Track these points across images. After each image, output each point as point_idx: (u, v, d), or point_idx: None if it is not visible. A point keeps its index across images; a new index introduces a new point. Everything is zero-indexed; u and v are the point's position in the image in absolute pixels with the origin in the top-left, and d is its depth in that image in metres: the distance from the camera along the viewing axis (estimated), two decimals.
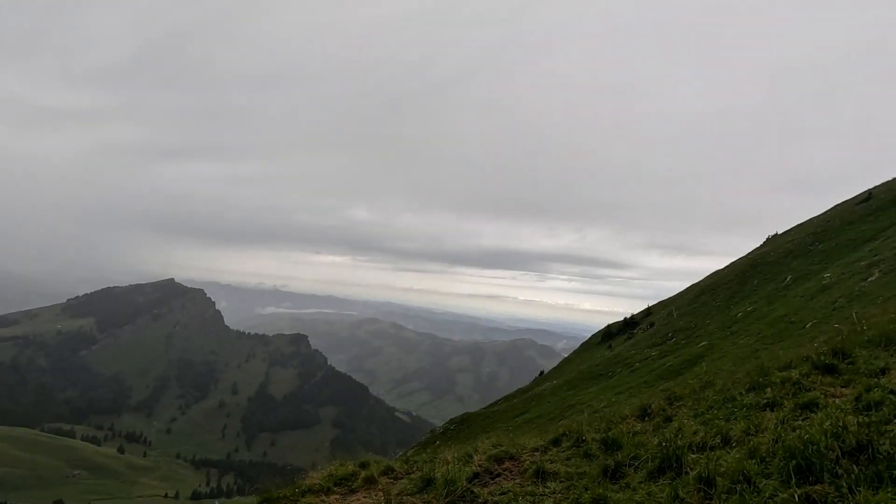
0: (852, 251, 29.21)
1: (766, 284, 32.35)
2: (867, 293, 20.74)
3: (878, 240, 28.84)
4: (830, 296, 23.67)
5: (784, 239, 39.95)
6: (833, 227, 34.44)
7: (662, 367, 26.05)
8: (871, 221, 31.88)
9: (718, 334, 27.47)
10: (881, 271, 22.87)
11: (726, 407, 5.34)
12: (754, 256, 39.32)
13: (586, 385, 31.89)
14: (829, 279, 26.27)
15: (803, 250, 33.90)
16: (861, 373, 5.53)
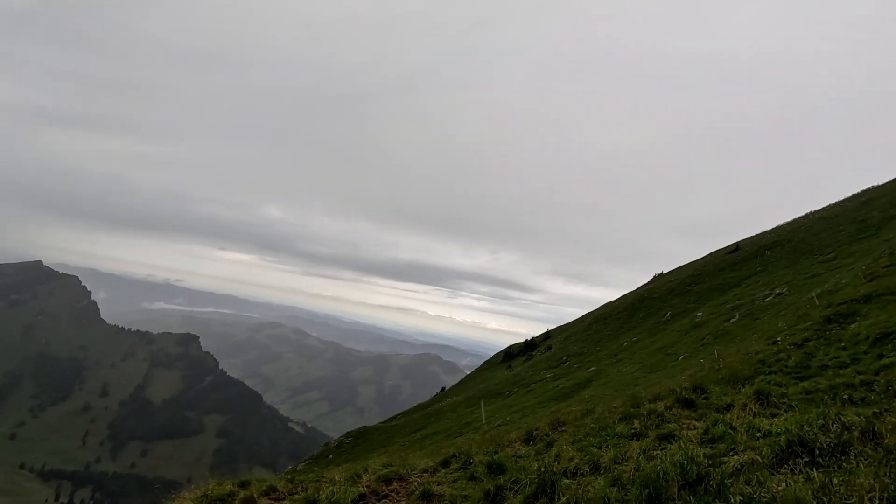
0: (720, 294, 33.20)
1: (650, 318, 35.67)
2: (729, 332, 23.67)
3: (741, 286, 33.03)
4: (700, 332, 26.66)
5: (668, 278, 44.40)
6: (707, 272, 38.89)
7: (556, 389, 27.56)
8: (736, 270, 36.48)
9: (607, 361, 29.70)
10: (741, 314, 26.19)
11: (601, 435, 5.81)
12: (642, 291, 43.22)
13: (485, 403, 32.79)
14: (701, 318, 29.60)
15: (682, 290, 37.94)
16: (712, 407, 6.31)
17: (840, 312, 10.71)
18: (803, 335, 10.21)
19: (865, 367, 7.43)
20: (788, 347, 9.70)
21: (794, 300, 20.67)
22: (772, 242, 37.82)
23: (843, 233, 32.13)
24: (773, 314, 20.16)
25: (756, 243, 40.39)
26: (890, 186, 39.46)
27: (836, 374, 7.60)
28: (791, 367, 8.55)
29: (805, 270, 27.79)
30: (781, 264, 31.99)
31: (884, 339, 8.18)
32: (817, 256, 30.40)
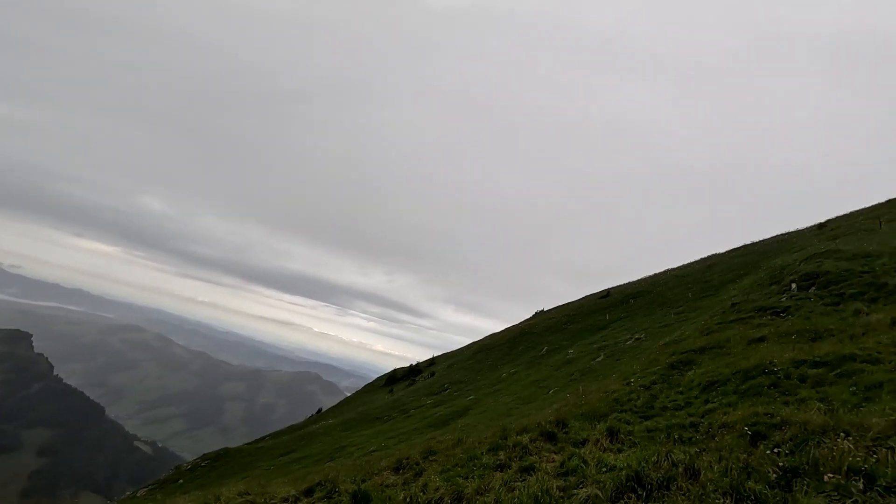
0: (591, 335, 36.34)
1: (529, 352, 37.81)
2: (594, 370, 25.91)
3: (608, 329, 36.48)
4: (571, 368, 28.80)
5: (548, 315, 47.62)
6: (581, 313, 42.40)
7: (434, 416, 27.76)
8: (606, 313, 40.29)
9: (485, 390, 30.72)
10: (606, 354, 28.84)
11: (469, 465, 5.97)
12: (524, 326, 45.77)
13: (362, 427, 31.93)
14: (572, 355, 32.06)
15: (559, 327, 40.90)
16: (570, 441, 6.82)
17: (681, 360, 12.30)
18: (651, 378, 11.52)
19: (695, 410, 8.57)
20: (639, 388, 10.86)
21: (649, 345, 23.30)
22: (636, 292, 42.49)
23: (691, 290, 37.23)
24: (632, 357, 22.51)
25: (624, 291, 45.07)
26: (728, 255, 46.78)
27: (673, 415, 8.66)
28: (639, 406, 9.59)
29: (660, 320, 31.57)
30: (642, 312, 36.01)
31: (711, 386, 9.54)
32: (670, 309, 34.75)
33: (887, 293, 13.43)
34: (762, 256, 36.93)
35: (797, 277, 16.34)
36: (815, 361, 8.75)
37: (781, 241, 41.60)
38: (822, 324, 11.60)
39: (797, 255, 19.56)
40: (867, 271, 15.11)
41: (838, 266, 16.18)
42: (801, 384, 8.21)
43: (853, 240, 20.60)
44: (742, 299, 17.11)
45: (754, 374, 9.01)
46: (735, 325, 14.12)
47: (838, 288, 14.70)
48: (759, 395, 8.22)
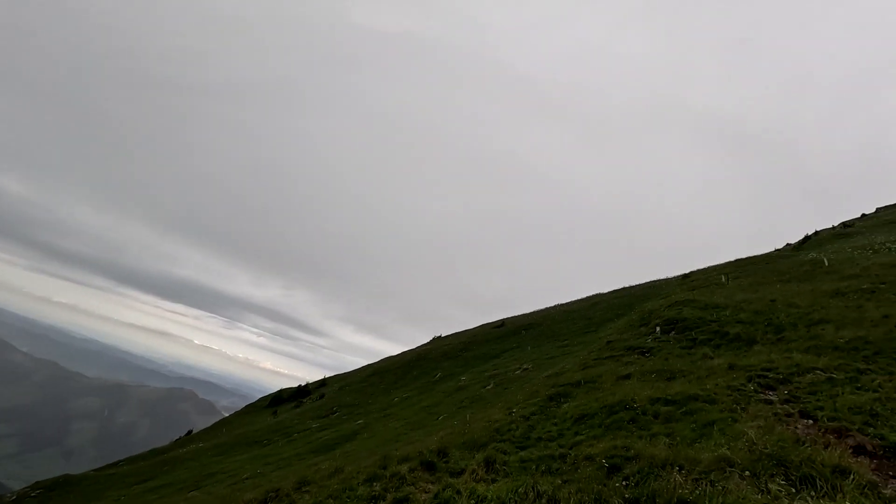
0: (484, 363, 37.47)
1: (423, 377, 37.94)
2: (483, 398, 26.66)
3: (500, 358, 37.89)
4: (461, 395, 29.34)
5: (445, 341, 48.35)
6: (476, 341, 43.63)
7: (318, 441, 26.57)
8: (499, 343, 41.88)
9: (376, 415, 30.14)
10: (495, 383, 29.86)
11: (342, 497, 5.82)
12: (421, 350, 45.98)
13: (237, 451, 29.53)
14: (464, 382, 32.74)
15: (454, 354, 41.66)
16: (448, 471, 6.96)
17: (559, 392, 13.17)
18: (531, 409, 12.17)
19: (566, 441, 9.20)
20: (519, 419, 11.41)
21: (535, 376, 24.59)
22: (528, 324, 44.81)
23: (576, 325, 40.16)
24: (518, 386, 23.57)
25: (517, 323, 47.30)
26: (610, 295, 51.35)
27: (546, 446, 9.22)
28: (517, 437, 10.06)
29: (547, 352, 33.54)
30: (532, 344, 38.01)
31: (582, 419, 10.32)
32: (556, 342, 37.10)
33: (728, 340, 15.62)
34: (637, 299, 41.06)
35: (661, 322, 18.42)
36: (668, 399, 9.88)
37: (654, 287, 46.63)
38: (677, 365, 13.14)
39: (663, 302, 22.06)
40: (715, 320, 17.48)
41: (694, 314, 18.53)
42: (654, 420, 9.20)
43: (707, 292, 23.76)
44: (616, 338, 18.84)
45: (618, 409, 9.92)
46: (608, 362, 15.47)
47: (692, 333, 16.81)
48: (620, 429, 9.06)
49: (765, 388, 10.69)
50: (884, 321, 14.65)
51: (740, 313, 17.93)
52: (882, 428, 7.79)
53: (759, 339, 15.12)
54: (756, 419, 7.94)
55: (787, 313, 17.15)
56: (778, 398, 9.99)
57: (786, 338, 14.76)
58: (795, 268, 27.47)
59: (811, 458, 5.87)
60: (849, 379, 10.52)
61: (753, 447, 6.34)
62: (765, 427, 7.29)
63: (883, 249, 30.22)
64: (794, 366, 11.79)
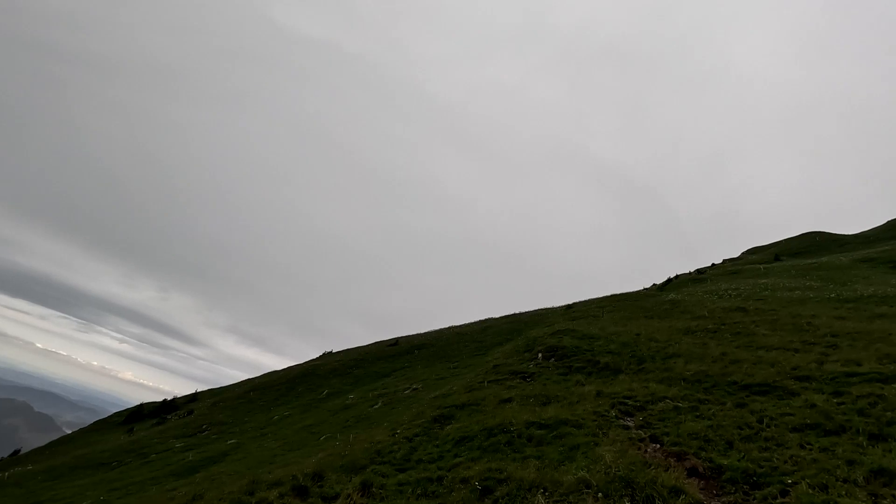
0: (373, 381, 36.86)
1: (308, 394, 36.26)
2: (370, 418, 26.13)
3: (391, 377, 37.55)
4: (348, 414, 28.48)
5: (335, 357, 46.84)
6: (368, 359, 42.90)
7: (181, 463, 24.06)
8: (391, 361, 41.57)
9: (251, 434, 28.07)
10: (383, 402, 29.46)
11: None
12: (308, 366, 44.04)
13: (77, 476, 25.62)
14: (352, 400, 31.86)
15: (344, 371, 40.49)
16: (321, 496, 6.70)
17: (444, 414, 13.38)
18: (415, 430, 12.20)
19: (445, 464, 9.35)
20: (402, 440, 11.37)
21: (423, 397, 24.73)
22: (422, 344, 45.13)
23: (468, 348, 41.27)
24: (406, 406, 23.51)
25: (411, 342, 47.41)
26: (501, 320, 53.69)
27: (426, 468, 9.28)
28: (398, 459, 10.01)
29: (437, 373, 33.94)
30: (423, 364, 38.25)
31: (462, 441, 10.58)
32: (447, 363, 37.74)
33: (599, 369, 17.09)
34: (525, 325, 43.40)
35: (543, 349, 19.67)
36: (542, 423, 10.52)
37: (541, 315, 49.68)
38: (553, 391, 14.07)
39: (547, 329, 23.61)
40: (589, 350, 19.08)
41: (572, 343, 20.05)
42: (528, 443, 9.72)
43: (585, 323, 25.90)
44: (502, 362, 19.70)
45: (496, 432, 10.34)
46: (492, 386, 16.09)
47: (570, 361, 18.15)
48: (496, 452, 9.43)
49: (624, 414, 11.85)
50: (721, 357, 17.07)
51: (611, 344, 19.76)
52: (712, 452, 9.02)
53: (624, 368, 16.75)
54: (614, 443, 8.75)
55: (648, 346, 19.26)
56: (634, 424, 11.12)
57: (646, 368, 16.54)
58: (658, 306, 31.03)
59: (654, 479, 6.62)
60: (691, 408, 12.05)
61: (609, 469, 6.99)
62: (620, 451, 8.07)
63: (726, 295, 35.42)
64: (649, 394, 13.24)
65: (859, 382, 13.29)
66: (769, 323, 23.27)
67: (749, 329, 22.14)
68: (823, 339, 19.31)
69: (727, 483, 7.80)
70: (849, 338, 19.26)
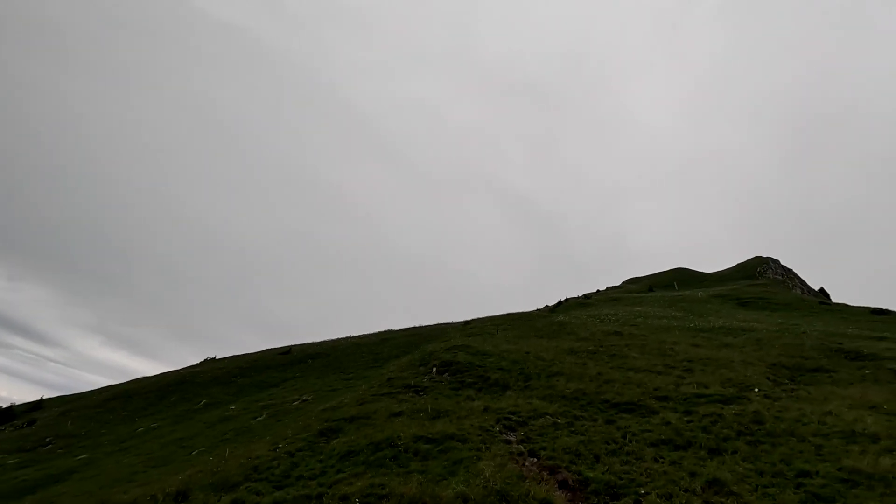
0: (259, 391, 34.67)
1: (182, 404, 33.09)
2: (252, 430, 24.46)
3: (279, 387, 35.62)
4: (226, 427, 26.41)
5: (218, 364, 43.39)
6: (256, 367, 40.35)
7: (13, 482, 20.59)
8: (281, 371, 39.49)
9: (108, 448, 24.89)
10: (268, 414, 27.79)
11: None
12: (185, 373, 40.29)
13: None
14: (233, 411, 29.64)
15: (227, 379, 37.61)
16: None
17: (332, 427, 12.98)
18: (299, 444, 11.67)
19: (327, 480, 9.04)
20: (283, 455, 10.81)
21: (313, 409, 23.75)
22: (316, 353, 43.49)
23: (364, 359, 40.56)
24: (293, 419, 22.40)
25: (305, 350, 45.51)
26: (400, 333, 53.63)
27: (306, 485, 8.90)
28: (277, 475, 9.49)
29: (330, 384, 32.86)
30: (316, 374, 36.83)
31: (348, 455, 10.32)
32: (342, 374, 36.73)
33: (489, 385, 17.73)
34: (424, 339, 43.76)
35: (438, 363, 19.98)
36: (429, 437, 10.63)
37: (440, 330, 50.46)
38: (444, 405, 14.31)
39: (443, 345, 24.03)
40: (482, 366, 19.74)
41: (466, 358, 20.61)
42: (414, 457, 9.76)
43: (480, 339, 26.80)
44: (397, 375, 19.64)
45: (383, 447, 10.24)
46: (385, 398, 15.95)
47: (462, 376, 18.61)
48: (381, 467, 9.33)
49: (508, 429, 12.40)
50: (597, 377, 18.61)
51: (502, 361, 20.64)
52: (581, 465, 9.75)
53: (512, 385, 17.57)
54: (495, 458, 9.12)
55: (535, 364, 20.41)
56: (516, 439, 11.68)
57: (531, 385, 17.49)
58: (548, 326, 33.08)
59: (527, 492, 7.00)
60: (567, 423, 12.95)
61: (487, 483, 7.26)
62: (499, 465, 8.43)
63: (606, 319, 38.80)
64: (532, 410, 14.01)
65: (706, 403, 15.26)
66: (639, 347, 25.88)
67: (623, 352, 24.44)
68: (681, 364, 21.91)
69: (591, 494, 8.48)
70: (701, 363, 22.07)
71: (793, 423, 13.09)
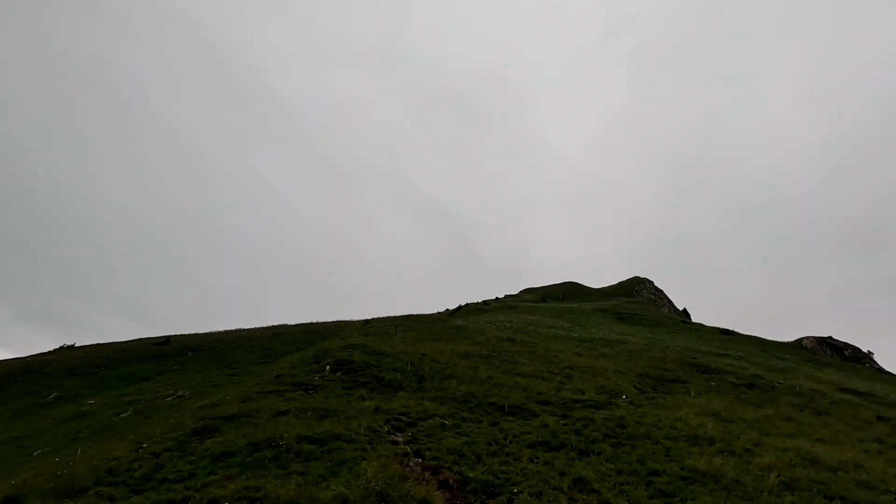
0: (127, 385, 31.20)
1: (27, 396, 28.78)
2: (113, 428, 21.91)
3: (151, 380, 32.35)
4: (81, 423, 23.43)
5: (77, 353, 38.35)
6: (125, 358, 36.32)
7: None
8: (156, 363, 35.91)
9: None
10: (135, 410, 25.10)
11: None
12: (34, 361, 35.12)
13: None
14: (91, 406, 26.35)
15: (87, 370, 33.36)
16: None
17: (207, 426, 12.07)
18: (167, 444, 10.70)
19: (195, 482, 8.39)
20: (147, 456, 9.84)
21: (188, 406, 21.89)
22: (199, 345, 40.19)
23: (253, 354, 38.27)
24: (164, 416, 20.46)
25: (186, 342, 41.84)
26: (295, 328, 51.45)
27: (170, 488, 8.18)
28: (136, 478, 8.60)
29: (212, 379, 30.51)
30: (196, 368, 34.02)
31: (223, 456, 9.67)
32: (226, 369, 34.32)
33: (383, 385, 17.67)
34: (320, 336, 42.42)
35: (332, 361, 19.49)
36: (314, 437, 10.33)
37: (337, 327, 49.22)
38: (334, 404, 13.99)
39: (340, 342, 23.51)
40: (377, 366, 19.62)
41: (362, 358, 20.35)
42: (296, 458, 9.42)
43: (378, 339, 26.62)
44: (287, 372, 18.81)
45: (263, 447, 9.75)
46: (271, 396, 15.20)
47: (356, 376, 18.34)
48: (259, 468, 8.87)
49: (396, 430, 12.45)
50: (487, 381, 19.40)
51: (397, 362, 20.68)
52: (463, 465, 10.10)
53: (406, 386, 17.68)
54: (380, 458, 9.11)
55: (430, 367, 20.74)
56: (403, 439, 11.77)
57: (424, 387, 17.74)
58: (446, 330, 33.79)
59: (407, 492, 7.09)
60: (454, 425, 13.33)
61: (368, 484, 7.23)
62: (383, 465, 8.44)
63: (501, 326, 40.62)
64: (422, 411, 14.21)
65: (581, 408, 16.60)
66: (529, 353, 27.44)
67: (513, 357, 25.74)
68: (564, 371, 23.61)
69: (470, 493, 8.81)
70: (580, 371, 23.96)
71: (650, 427, 14.71)
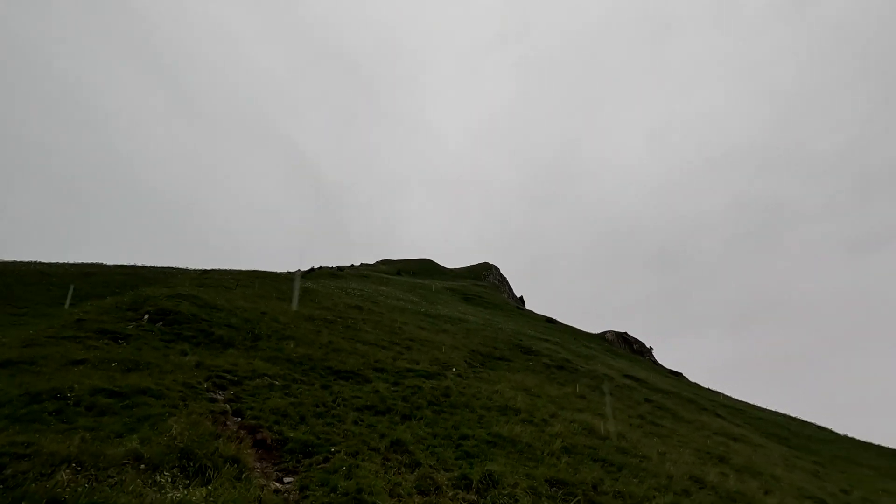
0: None
1: None
2: None
3: None
4: None
5: None
6: None
7: None
8: None
9: None
10: None
11: None
12: None
13: None
14: None
15: None
16: None
17: None
18: None
19: None
20: None
21: None
22: None
23: (50, 293, 32.35)
24: None
25: None
26: (114, 269, 44.67)
27: None
28: None
29: None
30: None
31: None
32: (11, 307, 28.53)
33: (211, 341, 16.41)
34: (144, 281, 37.49)
35: (153, 310, 17.43)
36: (114, 391, 9.21)
37: (168, 274, 43.99)
38: (147, 357, 12.60)
39: (166, 291, 21.11)
40: (207, 319, 18.11)
41: (191, 310, 18.58)
42: (87, 412, 8.30)
43: (213, 292, 24.52)
44: (92, 318, 16.32)
45: (45, 399, 8.41)
46: (66, 343, 13.08)
47: (180, 328, 16.70)
48: (35, 422, 7.64)
49: (218, 387, 11.73)
50: (328, 345, 19.27)
51: (232, 318, 19.37)
52: (285, 426, 9.97)
53: (238, 344, 16.68)
54: (191, 415, 8.51)
55: (269, 326, 19.84)
56: (224, 397, 11.15)
57: (258, 346, 16.93)
58: (293, 291, 32.52)
59: (215, 450, 6.76)
60: (284, 386, 13.03)
61: (172, 442, 6.72)
62: (192, 423, 7.90)
63: (352, 293, 40.46)
64: (251, 370, 13.59)
65: (413, 377, 17.48)
66: (374, 323, 27.90)
67: (358, 325, 25.93)
68: (405, 342, 24.54)
69: (286, 453, 8.76)
70: (419, 343, 25.16)
71: (470, 397, 16.17)
